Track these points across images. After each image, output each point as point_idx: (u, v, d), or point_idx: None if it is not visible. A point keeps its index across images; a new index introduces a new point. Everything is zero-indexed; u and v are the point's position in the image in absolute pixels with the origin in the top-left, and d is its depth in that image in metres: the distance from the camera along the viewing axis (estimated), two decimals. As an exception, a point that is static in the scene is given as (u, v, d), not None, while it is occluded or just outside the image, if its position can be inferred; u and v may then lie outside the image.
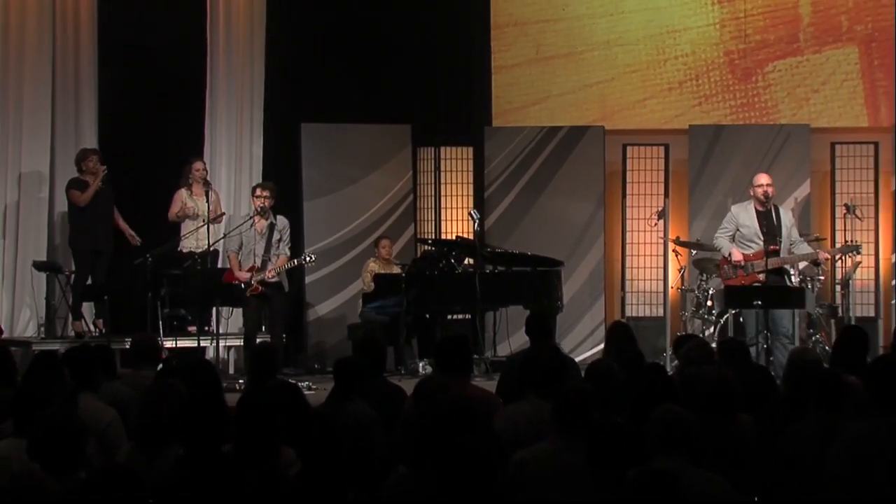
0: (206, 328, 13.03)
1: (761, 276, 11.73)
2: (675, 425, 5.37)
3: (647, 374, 6.77)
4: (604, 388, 6.49)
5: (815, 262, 12.31)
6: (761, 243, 11.78)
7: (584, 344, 13.84)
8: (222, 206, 13.52)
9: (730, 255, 11.83)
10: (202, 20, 14.07)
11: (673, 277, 13.65)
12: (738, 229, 11.91)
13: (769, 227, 11.83)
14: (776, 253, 11.74)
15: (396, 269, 13.34)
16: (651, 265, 14.11)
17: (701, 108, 14.55)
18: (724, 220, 12.13)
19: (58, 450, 5.32)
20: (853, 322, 12.43)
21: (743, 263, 11.74)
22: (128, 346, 11.45)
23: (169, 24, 13.72)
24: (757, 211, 11.86)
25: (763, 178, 11.99)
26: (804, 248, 12.00)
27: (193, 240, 13.07)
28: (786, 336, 11.42)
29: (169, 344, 12.13)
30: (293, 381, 8.79)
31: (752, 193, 11.94)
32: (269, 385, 7.43)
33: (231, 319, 13.45)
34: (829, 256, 12.45)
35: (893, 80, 14.25)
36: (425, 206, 14.63)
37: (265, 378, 7.69)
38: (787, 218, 11.95)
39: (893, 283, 13.59)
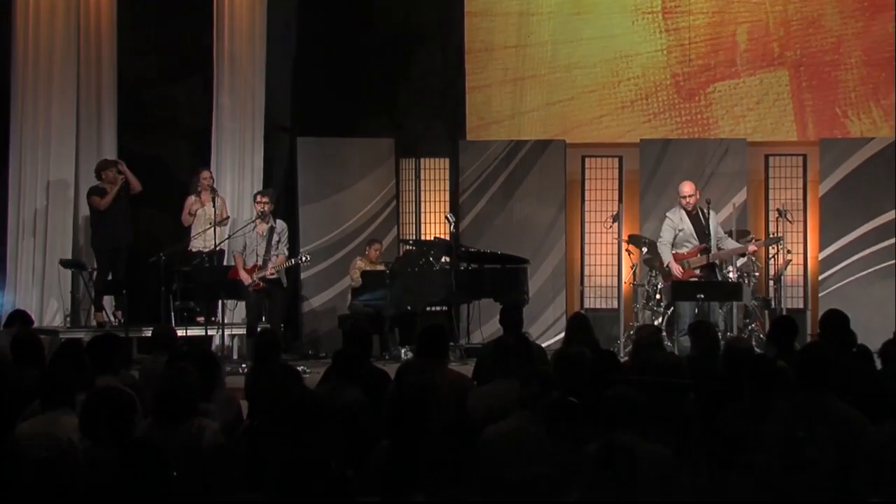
0: (213, 319, 13.06)
1: (697, 272, 11.87)
2: (627, 404, 5.41)
3: (603, 359, 6.80)
4: (576, 373, 6.48)
5: (743, 255, 12.42)
6: (696, 242, 11.91)
7: (547, 332, 13.82)
8: (227, 210, 13.53)
9: (668, 265, 11.95)
10: (210, 46, 14.06)
11: (626, 274, 13.68)
12: (677, 232, 11.96)
13: (699, 228, 11.92)
14: (707, 250, 11.83)
15: (381, 267, 13.34)
16: (607, 263, 14.13)
17: (650, 125, 14.57)
18: (662, 228, 12.16)
19: (112, 421, 5.33)
20: (784, 313, 12.49)
21: (680, 275, 11.84)
22: (145, 335, 11.56)
23: (178, 48, 13.83)
24: (689, 214, 11.96)
25: (686, 189, 12.04)
26: (731, 244, 12.16)
27: (201, 240, 13.07)
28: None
29: (180, 332, 12.10)
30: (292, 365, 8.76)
31: (679, 202, 12.04)
32: (271, 367, 7.40)
33: (235, 311, 13.46)
34: (757, 248, 12.59)
35: (819, 100, 14.32)
36: (407, 211, 14.63)
37: (268, 361, 7.66)
38: (714, 219, 12.03)
39: (820, 278, 13.64)
